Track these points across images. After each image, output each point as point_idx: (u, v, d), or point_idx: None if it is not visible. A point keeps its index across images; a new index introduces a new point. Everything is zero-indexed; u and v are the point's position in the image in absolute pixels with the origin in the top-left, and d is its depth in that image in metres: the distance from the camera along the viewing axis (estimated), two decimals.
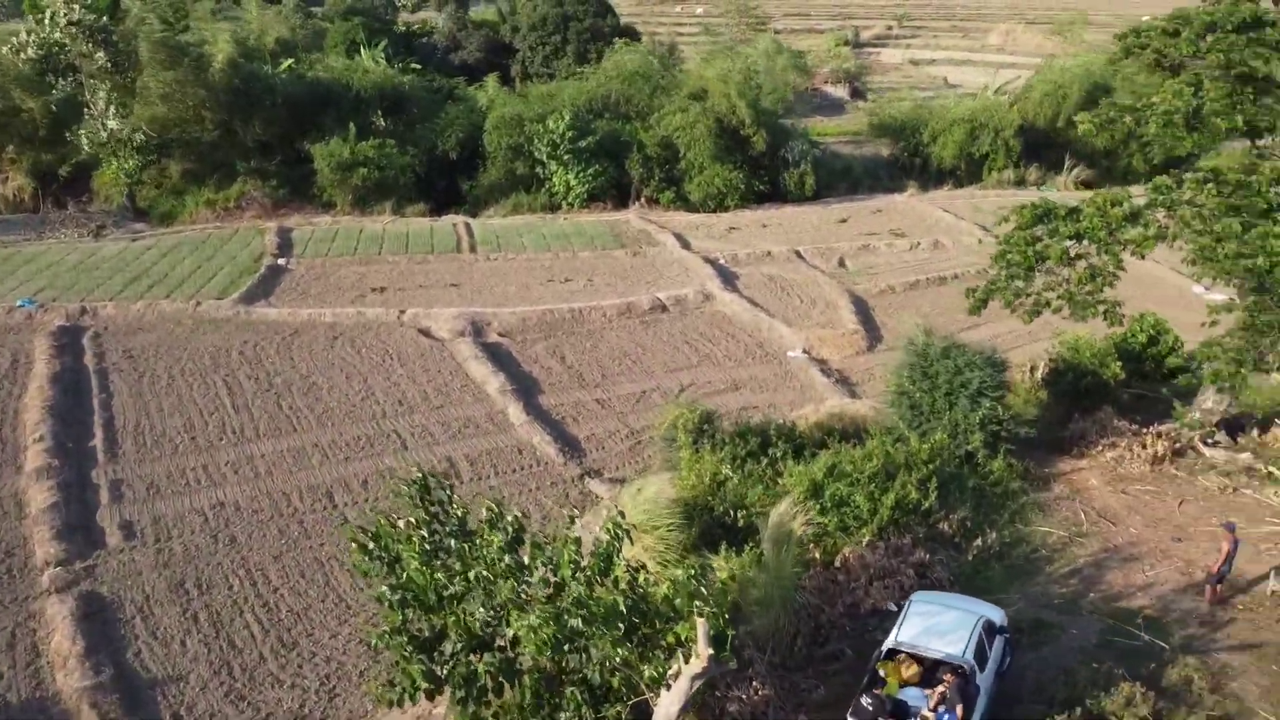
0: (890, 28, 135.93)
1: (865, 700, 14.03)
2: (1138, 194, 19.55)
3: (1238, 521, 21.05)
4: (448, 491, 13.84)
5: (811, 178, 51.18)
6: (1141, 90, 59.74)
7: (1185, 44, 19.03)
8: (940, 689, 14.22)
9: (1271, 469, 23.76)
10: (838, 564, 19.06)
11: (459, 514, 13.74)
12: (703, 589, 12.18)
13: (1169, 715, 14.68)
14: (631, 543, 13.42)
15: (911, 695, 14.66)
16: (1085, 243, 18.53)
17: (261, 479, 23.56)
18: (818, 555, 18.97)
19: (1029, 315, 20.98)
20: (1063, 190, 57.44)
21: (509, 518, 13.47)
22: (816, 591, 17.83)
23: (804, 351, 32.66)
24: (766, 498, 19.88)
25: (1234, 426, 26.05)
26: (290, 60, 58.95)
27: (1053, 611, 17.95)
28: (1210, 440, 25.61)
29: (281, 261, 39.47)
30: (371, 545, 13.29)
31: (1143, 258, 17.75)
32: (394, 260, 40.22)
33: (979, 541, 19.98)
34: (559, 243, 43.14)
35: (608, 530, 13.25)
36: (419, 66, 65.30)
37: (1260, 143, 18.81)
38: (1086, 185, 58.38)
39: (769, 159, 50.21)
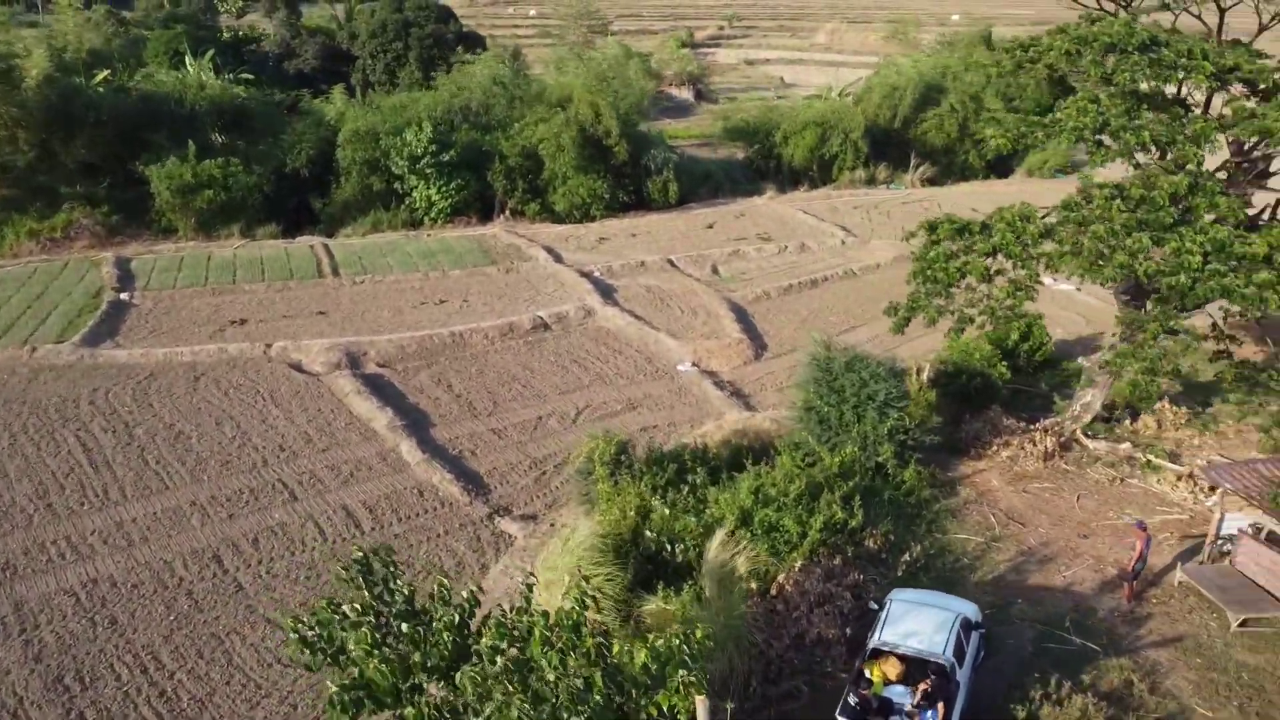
0: (722, 28, 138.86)
1: (852, 699, 14.97)
2: (1042, 208, 20.11)
3: (1134, 514, 22.12)
4: (391, 568, 12.63)
5: (675, 185, 51.21)
6: (971, 90, 62.66)
7: (1092, 66, 19.65)
8: (923, 686, 15.10)
9: (1149, 457, 25.04)
10: (774, 593, 18.77)
11: (405, 591, 12.55)
12: (687, 657, 11.51)
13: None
14: (598, 609, 12.52)
15: (896, 693, 15.44)
16: (1000, 257, 18.88)
17: (136, 547, 21.32)
18: (753, 585, 18.60)
19: (955, 331, 21.31)
20: (909, 187, 59.81)
21: (464, 594, 12.40)
22: (760, 625, 17.43)
23: (693, 364, 32.41)
24: (698, 529, 19.35)
25: (1107, 417, 27.43)
26: (105, 72, 54.49)
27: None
28: (1090, 433, 26.85)
29: (124, 296, 36.27)
30: (312, 633, 11.98)
31: (1057, 271, 18.27)
32: (251, 289, 37.62)
33: (906, 556, 20.11)
34: (427, 262, 41.45)
35: (573, 597, 12.36)
36: (251, 77, 61.74)
37: (1143, 158, 19.63)
38: (930, 182, 61.05)
39: (632, 167, 49.90)
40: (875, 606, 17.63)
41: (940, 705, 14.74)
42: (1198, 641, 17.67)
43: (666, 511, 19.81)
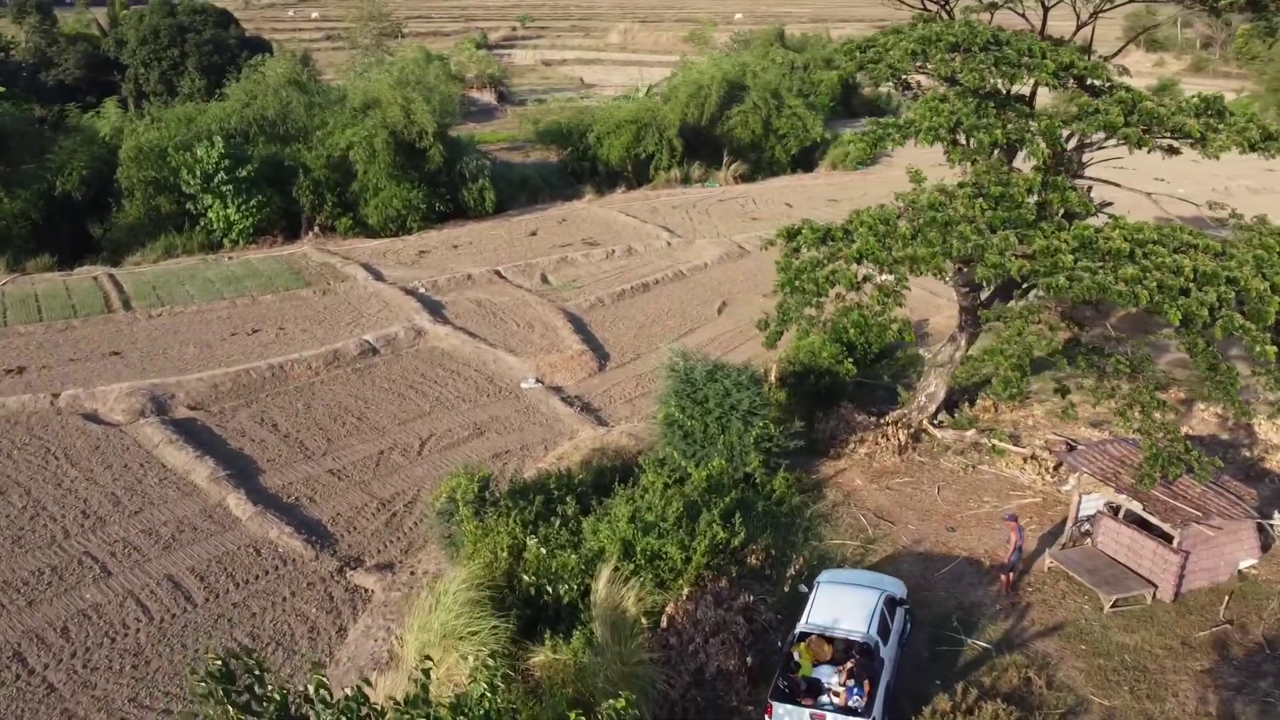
0: (515, 29, 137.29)
1: (781, 683, 15.53)
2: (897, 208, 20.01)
3: (992, 501, 22.59)
4: (257, 673, 10.74)
5: (491, 192, 49.54)
6: (771, 87, 64.00)
7: (940, 65, 19.72)
8: (848, 665, 15.67)
9: (994, 442, 25.78)
10: (664, 626, 17.78)
11: (278, 697, 10.71)
12: None
13: None
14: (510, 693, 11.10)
15: (824, 673, 15.90)
16: (865, 263, 18.67)
17: None
18: (643, 620, 17.56)
19: (801, 334, 20.91)
20: (724, 185, 60.47)
21: (347, 692, 10.71)
22: (658, 664, 16.41)
23: (537, 380, 31.09)
24: (579, 565, 18.13)
25: (948, 404, 28.16)
26: None
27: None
28: (937, 422, 27.46)
29: None
30: None
31: (920, 273, 18.23)
32: (27, 331, 33.25)
33: (790, 569, 19.62)
34: (232, 288, 38.02)
35: (482, 681, 10.90)
36: (2, 90, 55.12)
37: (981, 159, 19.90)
38: (743, 178, 61.97)
39: (447, 174, 47.83)
40: (805, 590, 18.20)
41: (866, 682, 15.25)
42: (1078, 627, 18.04)
43: (542, 550, 18.48)
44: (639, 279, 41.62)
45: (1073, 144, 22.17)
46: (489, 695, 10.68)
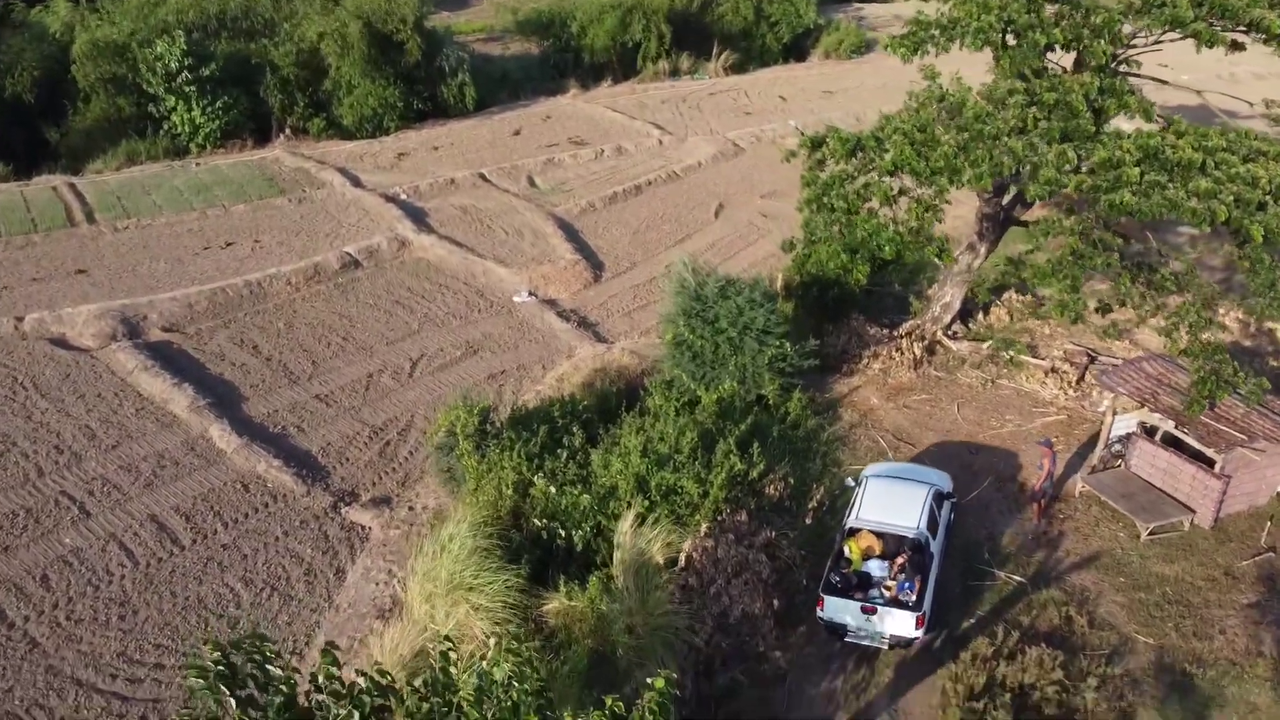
0: None
1: (834, 576, 15.82)
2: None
3: (1014, 419, 21.61)
4: (262, 656, 9.62)
5: (472, 88, 46.85)
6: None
7: None
8: (899, 560, 15.96)
9: (1013, 354, 24.73)
10: (682, 565, 16.84)
11: (285, 689, 9.62)
12: None
13: (1077, 671, 14.19)
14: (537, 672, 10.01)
15: (874, 567, 16.17)
16: (899, 174, 17.10)
17: None
18: (660, 562, 16.60)
19: (863, 263, 19.50)
20: (713, 76, 57.70)
21: (362, 681, 9.60)
22: (681, 610, 15.50)
23: (530, 294, 29.58)
24: (592, 503, 17.07)
25: (962, 314, 26.97)
26: None
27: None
28: (952, 334, 26.32)
29: None
30: None
31: (960, 186, 16.69)
32: None
33: (811, 501, 18.62)
34: (202, 197, 35.85)
35: (503, 669, 9.80)
36: None
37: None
38: (734, 69, 59.16)
39: (425, 70, 45.11)
40: (852, 483, 18.29)
41: (917, 578, 15.52)
42: (1115, 558, 17.27)
43: (550, 489, 17.36)
44: (631, 180, 39.65)
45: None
46: (517, 685, 9.61)
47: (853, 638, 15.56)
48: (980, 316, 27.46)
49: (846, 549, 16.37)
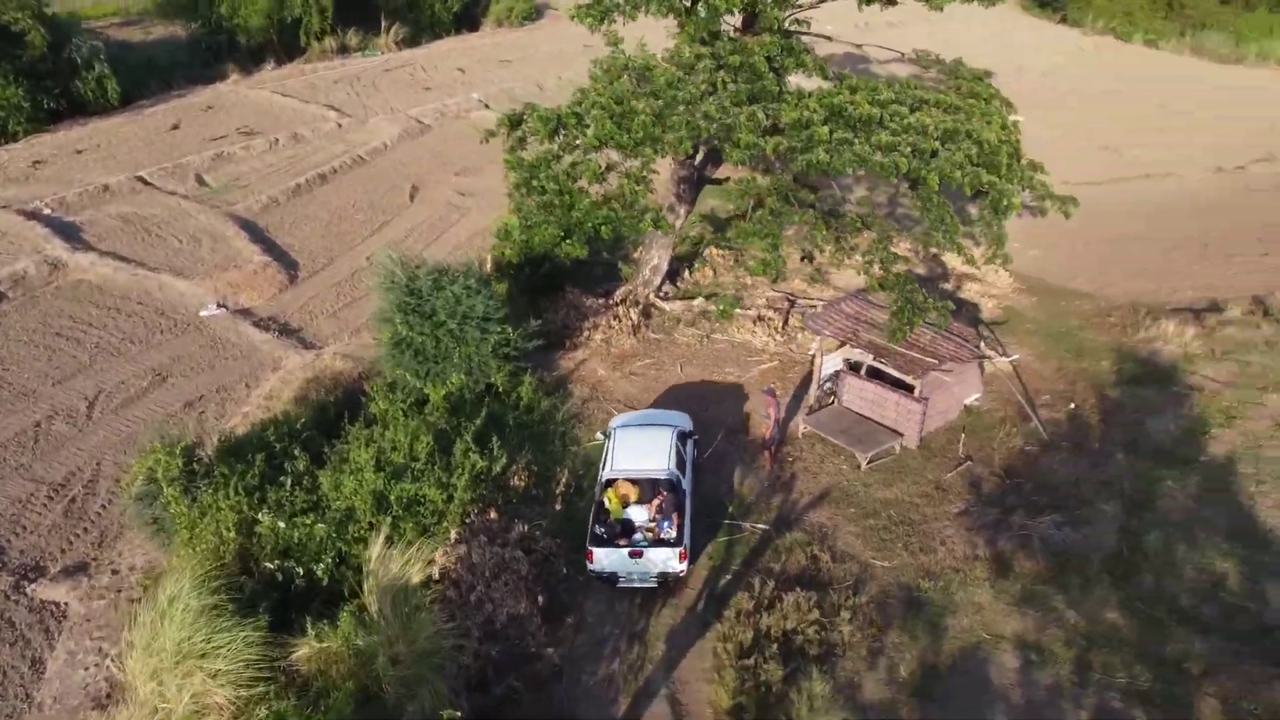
0: None
1: (598, 528, 16.37)
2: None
3: (734, 370, 22.50)
4: None
5: (113, 81, 41.79)
6: None
7: None
8: (656, 502, 16.76)
9: (722, 307, 25.70)
10: (437, 578, 16.03)
11: None
12: None
13: (830, 606, 14.99)
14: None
15: (634, 513, 16.85)
16: (605, 150, 16.86)
17: None
18: (418, 579, 15.71)
19: (580, 245, 19.06)
20: (385, 51, 55.31)
21: None
22: (446, 627, 14.74)
23: (220, 305, 26.97)
24: (329, 532, 15.80)
25: (670, 274, 27.70)
26: None
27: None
28: (663, 294, 26.96)
29: None
30: None
31: (665, 155, 16.71)
32: None
33: (558, 487, 18.36)
34: None
35: None
36: None
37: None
38: (406, 43, 57.02)
39: (52, 63, 39.63)
40: (603, 436, 18.76)
41: (675, 515, 16.33)
42: (843, 491, 18.43)
43: (279, 523, 15.87)
44: (314, 169, 37.14)
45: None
46: None
47: (625, 583, 16.12)
48: (687, 274, 28.34)
49: (606, 500, 16.89)
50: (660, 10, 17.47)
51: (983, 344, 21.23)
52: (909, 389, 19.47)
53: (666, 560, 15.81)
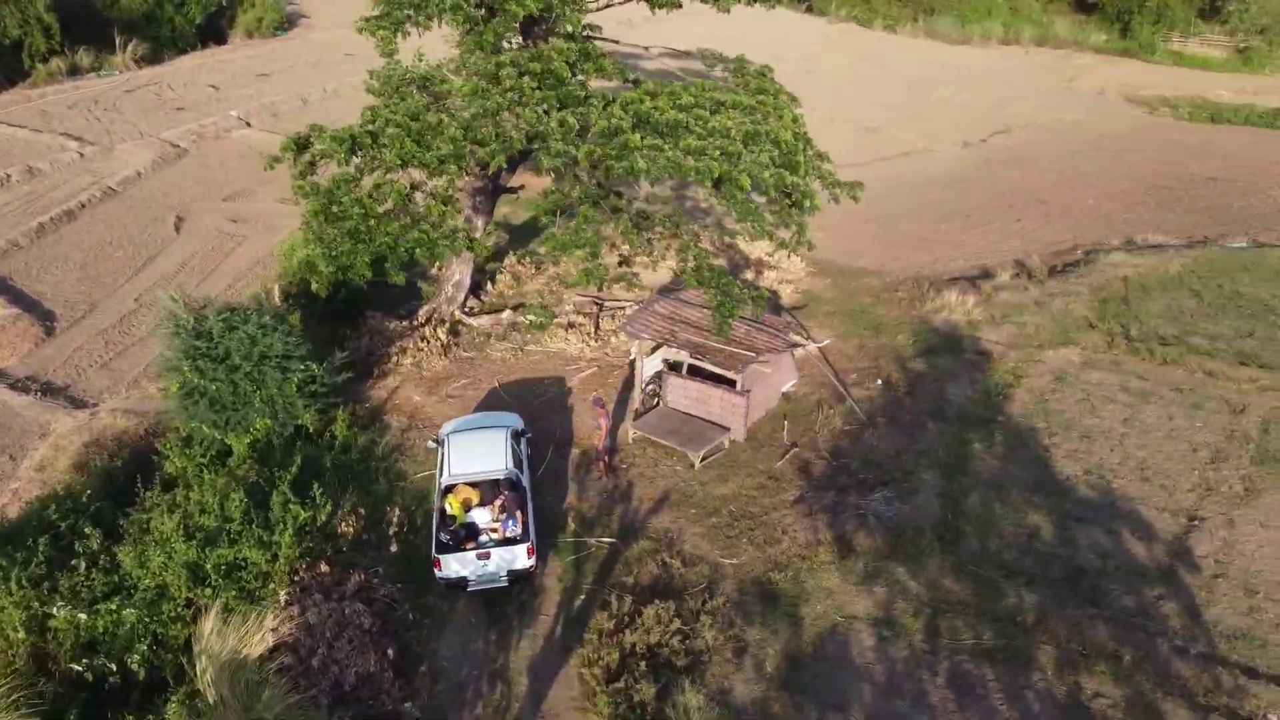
0: None
1: (443, 535, 16.19)
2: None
3: (550, 383, 22.14)
4: None
5: None
6: None
7: None
8: (498, 502, 16.67)
9: (530, 318, 25.30)
10: (273, 646, 14.75)
11: None
12: None
13: (689, 613, 14.94)
14: None
15: (478, 515, 16.77)
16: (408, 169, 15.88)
17: None
18: (258, 651, 14.38)
19: (395, 271, 18.02)
20: (124, 70, 50.86)
21: None
22: (290, 701, 13.55)
23: None
24: (141, 618, 14.18)
25: (473, 289, 26.93)
26: None
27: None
28: (468, 310, 26.18)
29: None
30: None
31: (470, 172, 15.90)
32: None
33: (391, 527, 17.35)
34: None
35: None
36: None
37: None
38: (146, 60, 52.69)
39: None
40: (434, 444, 18.53)
41: (518, 512, 16.38)
42: (682, 492, 18.45)
43: (80, 615, 14.10)
44: (58, 206, 33.56)
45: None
46: None
47: (475, 586, 15.96)
48: (490, 287, 27.65)
49: (447, 505, 16.76)
50: (456, 20, 16.70)
51: (792, 332, 21.86)
52: (731, 384, 19.75)
53: (514, 557, 15.86)
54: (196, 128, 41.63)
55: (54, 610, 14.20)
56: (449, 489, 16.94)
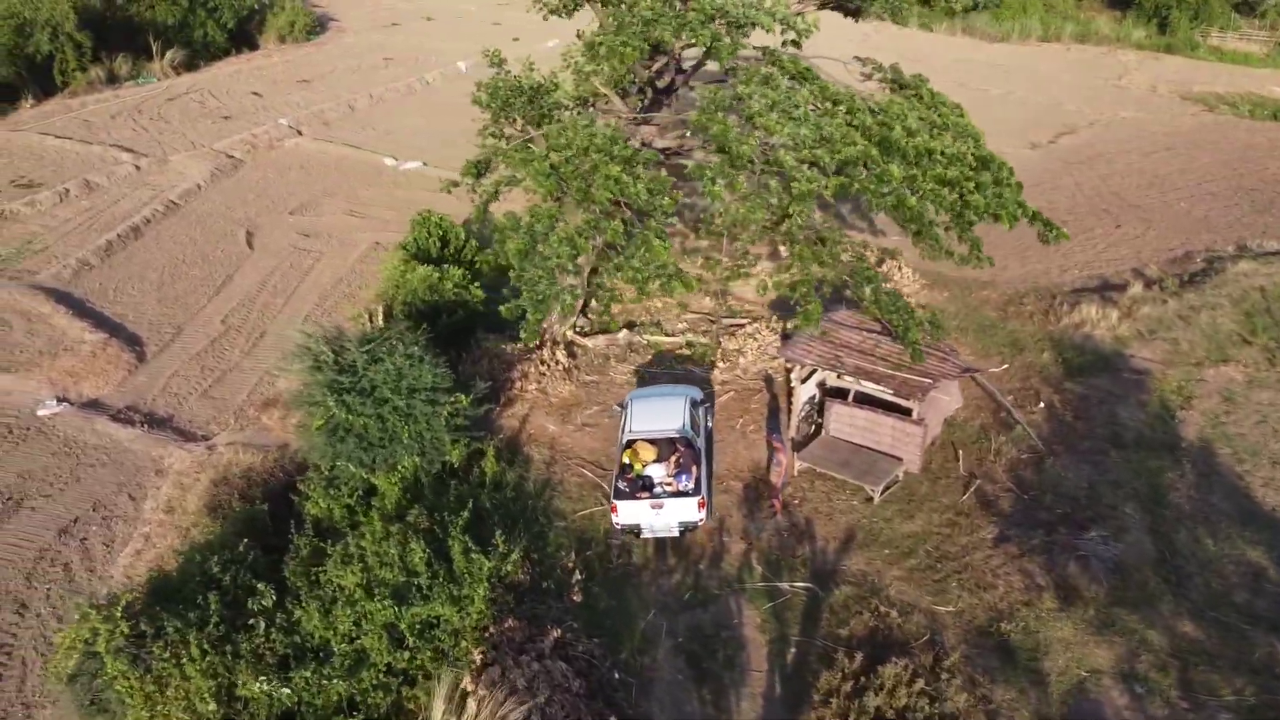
0: None
1: (621, 484, 17.65)
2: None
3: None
4: None
5: None
6: None
7: None
8: (674, 457, 17.96)
9: (647, 338, 24.21)
10: (474, 711, 13.59)
11: None
12: None
13: (923, 669, 13.84)
14: None
15: (654, 470, 18.02)
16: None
17: None
18: None
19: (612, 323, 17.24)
20: (162, 77, 49.42)
21: None
22: None
23: (60, 400, 22.59)
24: (345, 688, 13.02)
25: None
26: None
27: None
28: (580, 330, 25.03)
29: None
30: None
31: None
32: None
33: (575, 574, 16.16)
34: None
35: None
36: None
37: None
38: (184, 67, 51.26)
39: None
40: (619, 408, 19.94)
41: (693, 468, 17.55)
42: (866, 530, 17.34)
43: (283, 689, 12.93)
44: (122, 222, 32.29)
45: None
46: None
47: (648, 533, 17.36)
48: (593, 304, 26.47)
49: (626, 459, 18.05)
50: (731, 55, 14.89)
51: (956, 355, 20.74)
52: (900, 411, 18.66)
53: (686, 509, 17.03)
54: (249, 137, 40.31)
55: (248, 680, 13.02)
56: (630, 444, 18.22)
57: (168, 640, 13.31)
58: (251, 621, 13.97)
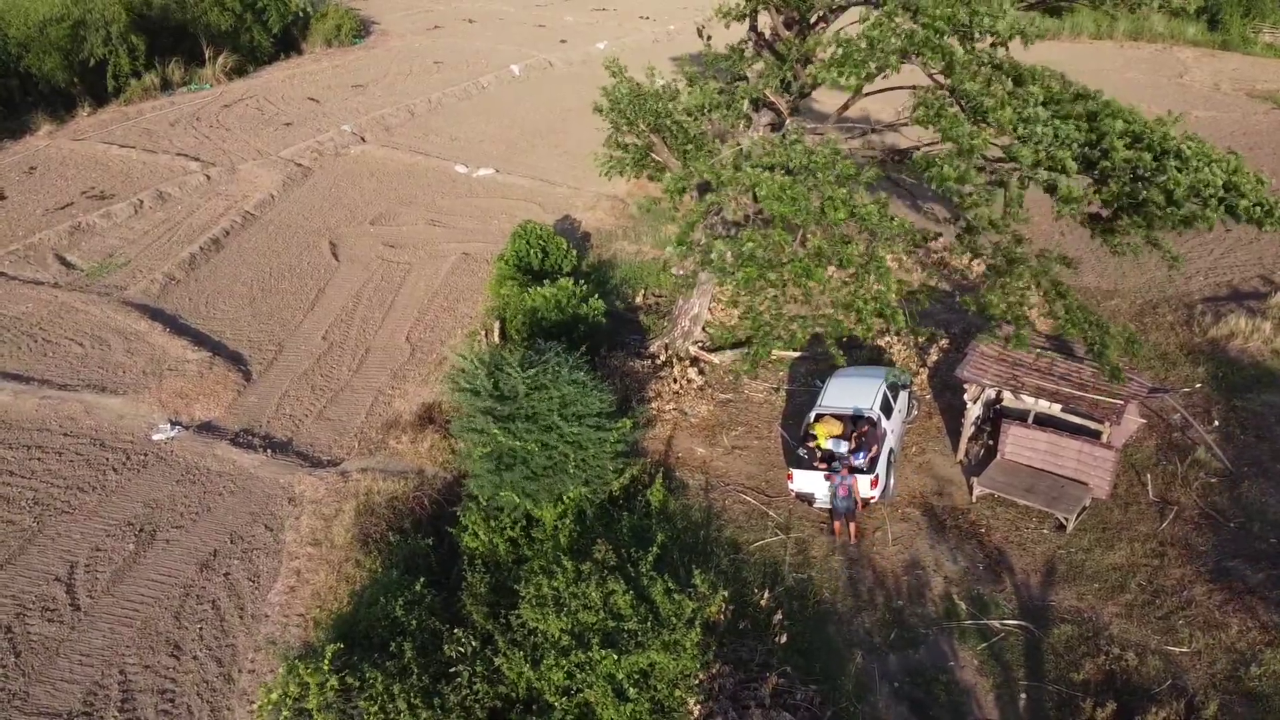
0: None
1: (801, 451, 18.14)
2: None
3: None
4: None
5: None
6: None
7: None
8: (855, 434, 18.13)
9: (776, 352, 23.25)
10: None
11: None
12: None
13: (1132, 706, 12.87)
14: None
15: (836, 445, 18.19)
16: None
17: None
18: None
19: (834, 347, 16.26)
20: (215, 84, 48.51)
21: None
22: None
23: (174, 424, 21.66)
24: None
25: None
26: None
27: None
28: (702, 344, 24.12)
29: None
30: None
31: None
32: None
33: (776, 614, 15.17)
34: None
35: None
36: None
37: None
38: (236, 72, 50.39)
39: None
40: (820, 383, 20.60)
41: (874, 447, 17.72)
42: (1067, 563, 16.36)
43: None
44: (201, 234, 31.39)
45: None
46: None
47: (821, 504, 17.74)
48: (707, 315, 25.53)
49: (813, 431, 18.36)
50: (935, 59, 13.92)
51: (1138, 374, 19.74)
52: (1085, 433, 17.69)
53: (859, 485, 17.08)
54: (314, 144, 39.42)
55: None
56: (818, 417, 18.50)
57: (374, 694, 12.39)
58: (453, 670, 13.04)
